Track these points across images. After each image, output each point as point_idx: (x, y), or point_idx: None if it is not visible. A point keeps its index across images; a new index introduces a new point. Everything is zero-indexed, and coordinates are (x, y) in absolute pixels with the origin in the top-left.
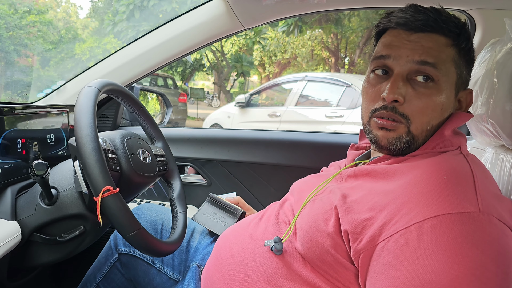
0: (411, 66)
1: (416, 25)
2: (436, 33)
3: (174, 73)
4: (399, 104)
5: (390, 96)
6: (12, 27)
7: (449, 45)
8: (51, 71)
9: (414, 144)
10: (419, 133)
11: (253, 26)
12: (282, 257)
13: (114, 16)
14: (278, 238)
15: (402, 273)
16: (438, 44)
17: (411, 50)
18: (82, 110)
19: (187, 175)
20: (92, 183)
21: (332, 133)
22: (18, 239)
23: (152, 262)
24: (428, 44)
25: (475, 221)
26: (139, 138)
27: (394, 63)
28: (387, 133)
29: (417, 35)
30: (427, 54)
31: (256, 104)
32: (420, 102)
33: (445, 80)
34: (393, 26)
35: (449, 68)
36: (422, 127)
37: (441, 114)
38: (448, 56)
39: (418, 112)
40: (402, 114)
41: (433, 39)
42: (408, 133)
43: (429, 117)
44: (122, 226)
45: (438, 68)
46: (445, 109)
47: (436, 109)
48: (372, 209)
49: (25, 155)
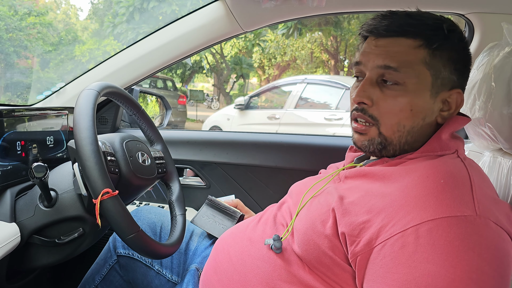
0: (377, 70)
1: (380, 31)
2: (402, 36)
3: (173, 75)
4: (368, 106)
5: (356, 98)
6: (12, 29)
7: (418, 47)
8: (50, 73)
9: (389, 145)
10: (390, 134)
11: (253, 29)
12: (280, 260)
13: (114, 18)
14: (277, 236)
15: (399, 276)
16: (404, 47)
17: (376, 56)
18: (82, 113)
19: (186, 178)
20: (91, 185)
21: (331, 136)
22: (17, 241)
23: (151, 264)
24: (393, 49)
25: (472, 225)
26: (138, 141)
27: (364, 69)
28: (360, 136)
29: (384, 41)
30: (390, 58)
31: (255, 107)
32: (386, 104)
33: (414, 82)
34: (365, 34)
35: (420, 70)
36: (392, 128)
37: (412, 115)
38: (416, 58)
39: (385, 113)
40: (372, 115)
41: (399, 43)
42: (379, 135)
43: (397, 118)
44: (121, 228)
45: (401, 71)
46: (417, 110)
47: (404, 110)
48: (369, 212)
49: (24, 157)
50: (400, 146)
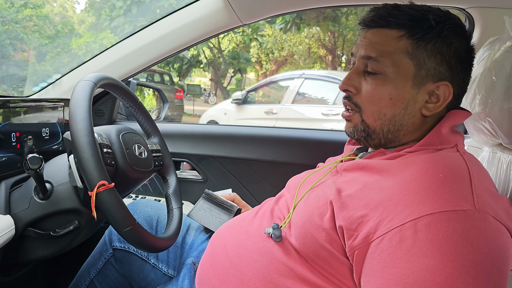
0: (362, 61)
1: (366, 23)
2: (385, 27)
3: (171, 69)
4: (353, 94)
5: (341, 86)
6: (8, 21)
7: (400, 37)
8: (47, 66)
9: (373, 134)
10: (372, 122)
11: (251, 21)
12: (277, 253)
13: (111, 11)
14: (276, 224)
15: (397, 270)
16: (385, 38)
17: (362, 47)
18: (78, 104)
19: (183, 171)
20: (87, 177)
21: (329, 130)
22: (12, 234)
23: (147, 258)
24: (375, 39)
25: (470, 219)
26: (135, 133)
27: (355, 59)
28: (347, 123)
29: (370, 32)
30: (371, 49)
31: (252, 101)
32: (367, 92)
33: (392, 71)
34: (359, 25)
35: (400, 59)
36: (373, 115)
37: (392, 104)
38: (397, 48)
39: (366, 101)
40: (355, 103)
41: (381, 34)
42: (362, 122)
43: (377, 106)
44: (117, 221)
45: (381, 61)
46: (397, 99)
47: (383, 98)
48: (367, 206)
49: (19, 149)
50: (383, 135)
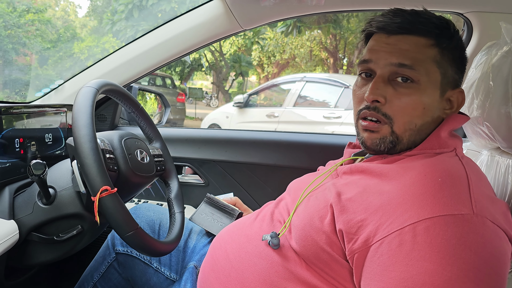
0: (390, 68)
1: (393, 28)
2: (413, 34)
3: (172, 73)
4: (381, 104)
5: (370, 97)
6: (10, 26)
7: (429, 45)
8: (49, 70)
9: (399, 144)
10: (402, 132)
11: (252, 27)
12: (277, 256)
13: (113, 15)
14: (274, 233)
15: (396, 274)
16: (416, 45)
17: (389, 53)
18: (81, 110)
19: (185, 175)
20: (90, 183)
21: (330, 134)
22: (16, 238)
23: (149, 262)
24: (405, 46)
25: (468, 223)
26: (137, 138)
27: (375, 66)
28: (371, 134)
29: (395, 38)
30: (403, 56)
31: (254, 105)
32: (401, 102)
33: (426, 80)
34: (374, 30)
35: (430, 68)
36: (404, 126)
37: (423, 114)
38: (427, 57)
39: (399, 111)
40: (385, 114)
41: (411, 40)
42: (391, 133)
43: (410, 116)
44: (120, 226)
45: (416, 69)
46: (428, 108)
47: (417, 108)
48: (366, 210)
49: (23, 154)
50: (408, 145)
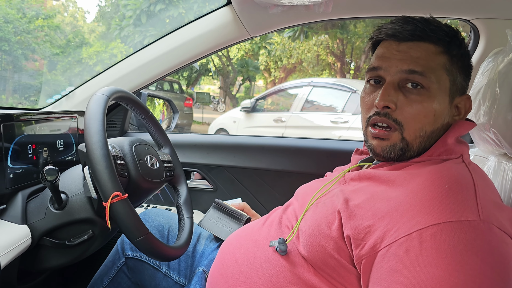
0: (401, 75)
1: (404, 35)
2: (424, 41)
3: (180, 78)
4: (392, 110)
5: (381, 103)
6: (20, 32)
7: (439, 52)
8: (58, 75)
9: (408, 152)
10: (412, 139)
11: (260, 34)
12: (285, 261)
13: (121, 21)
14: (282, 239)
15: (403, 279)
16: (427, 52)
17: (400, 61)
18: (92, 117)
19: (193, 181)
20: (102, 188)
21: (337, 140)
22: (28, 243)
23: (158, 266)
24: (416, 54)
25: (475, 230)
26: (147, 144)
27: (385, 73)
28: (381, 142)
29: (406, 45)
30: (415, 63)
31: (261, 109)
32: (412, 109)
33: (436, 87)
34: (384, 38)
35: (440, 75)
36: (415, 133)
37: (434, 120)
38: (438, 64)
39: (410, 118)
40: (396, 120)
41: (422, 48)
42: (402, 140)
43: (421, 123)
44: (130, 231)
45: (427, 76)
46: (439, 115)
47: (428, 115)
48: (374, 216)
49: (35, 160)
50: (418, 152)
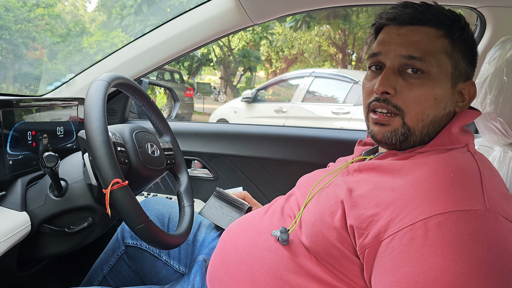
0: (400, 60)
1: (404, 19)
2: (424, 25)
3: (181, 68)
4: (391, 96)
5: (380, 88)
6: (20, 20)
7: (440, 36)
8: (59, 64)
9: (411, 137)
10: (414, 124)
11: (262, 21)
12: (287, 251)
13: (122, 10)
14: (284, 228)
15: (407, 269)
16: (427, 36)
17: (399, 45)
18: (92, 103)
19: (194, 169)
20: (102, 175)
21: (339, 129)
22: (28, 230)
23: (158, 255)
24: (416, 38)
25: (481, 219)
26: (147, 132)
27: (385, 58)
28: (382, 127)
29: (406, 29)
30: (414, 48)
31: (262, 100)
32: (412, 93)
33: (437, 71)
34: (385, 22)
35: (441, 59)
36: (417, 117)
37: (436, 105)
38: (438, 48)
39: (411, 102)
40: (396, 105)
41: (422, 31)
42: (403, 125)
43: (423, 107)
44: (130, 218)
45: (426, 61)
46: (440, 99)
47: (429, 99)
48: (378, 205)
49: (35, 147)
50: (421, 137)
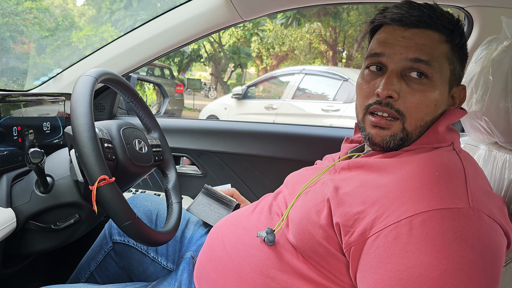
0: (405, 63)
1: (411, 21)
2: (430, 29)
3: (171, 64)
4: (394, 100)
5: (385, 92)
6: (8, 13)
7: (443, 41)
8: (47, 59)
9: (407, 141)
10: (413, 129)
11: (252, 18)
12: (274, 248)
13: (112, 5)
14: (270, 229)
15: (392, 266)
16: (432, 40)
17: (404, 48)
18: (79, 99)
19: (183, 166)
20: (88, 172)
21: (328, 127)
22: (13, 226)
23: (146, 251)
24: (421, 41)
25: (465, 217)
26: (135, 128)
27: (388, 60)
28: (381, 131)
29: (411, 31)
30: (420, 51)
31: (253, 96)
32: (415, 99)
33: (438, 77)
34: (388, 22)
35: (443, 64)
36: (416, 123)
37: (434, 110)
38: (441, 53)
39: (412, 108)
40: (398, 110)
41: (427, 35)
42: (402, 130)
43: (423, 113)
44: (117, 215)
45: (432, 65)
46: (439, 105)
47: (430, 105)
48: (364, 203)
49: (21, 142)
50: (414, 140)
